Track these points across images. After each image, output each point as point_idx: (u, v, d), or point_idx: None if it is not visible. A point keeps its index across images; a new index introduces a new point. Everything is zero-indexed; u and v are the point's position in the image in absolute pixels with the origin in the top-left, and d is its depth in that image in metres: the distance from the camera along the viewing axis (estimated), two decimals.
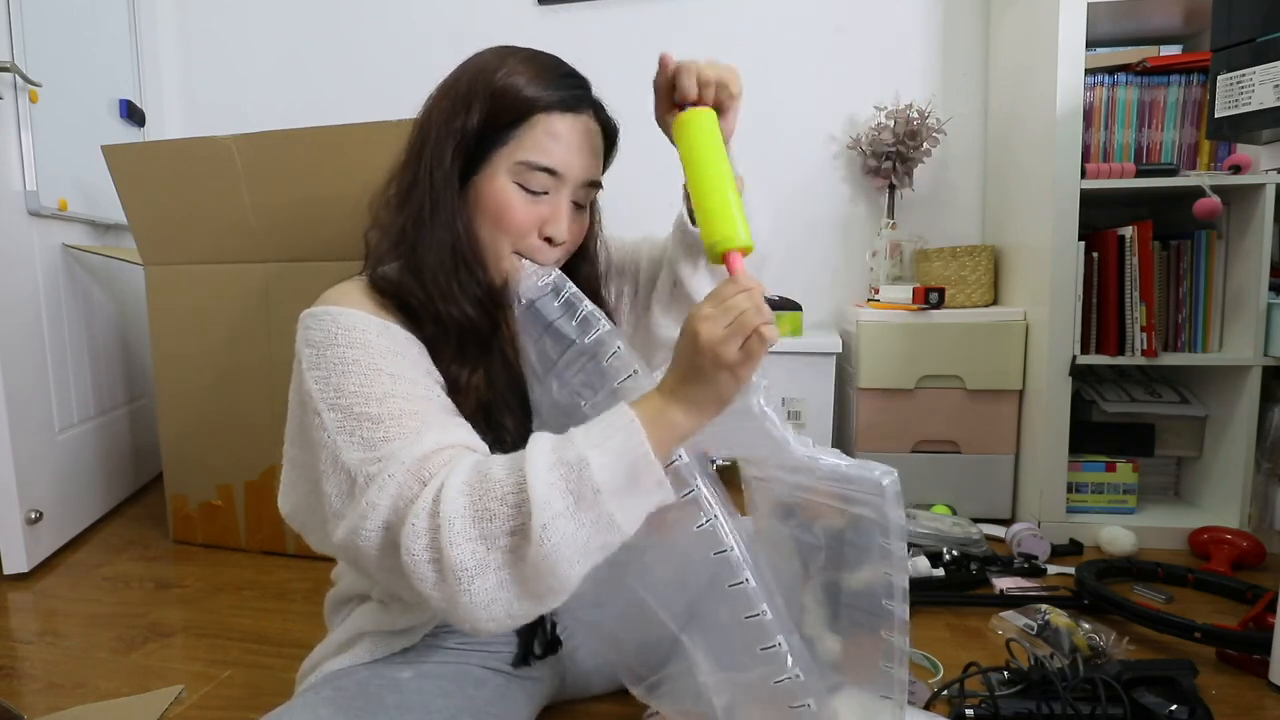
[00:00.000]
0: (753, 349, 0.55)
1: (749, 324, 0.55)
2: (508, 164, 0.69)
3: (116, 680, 1.09)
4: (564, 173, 0.70)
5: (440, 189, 0.69)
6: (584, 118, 0.72)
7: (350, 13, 2.17)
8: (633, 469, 0.54)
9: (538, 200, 0.70)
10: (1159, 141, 1.51)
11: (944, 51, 1.90)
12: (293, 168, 1.40)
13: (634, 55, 0.96)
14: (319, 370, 0.62)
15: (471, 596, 0.53)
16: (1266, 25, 0.92)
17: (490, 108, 0.68)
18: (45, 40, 1.59)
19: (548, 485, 0.53)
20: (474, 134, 0.68)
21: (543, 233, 0.71)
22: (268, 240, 1.46)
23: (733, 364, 0.55)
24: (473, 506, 0.54)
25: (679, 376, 0.58)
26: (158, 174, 1.49)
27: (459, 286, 0.69)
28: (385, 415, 0.60)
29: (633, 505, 0.55)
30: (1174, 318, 1.48)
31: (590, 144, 0.72)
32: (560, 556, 0.53)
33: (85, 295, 1.73)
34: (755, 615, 0.59)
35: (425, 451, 0.57)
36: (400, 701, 0.68)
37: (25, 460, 1.47)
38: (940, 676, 1.02)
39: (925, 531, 1.44)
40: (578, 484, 0.53)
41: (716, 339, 0.55)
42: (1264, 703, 0.96)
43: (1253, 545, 1.37)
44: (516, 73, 0.69)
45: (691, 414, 0.57)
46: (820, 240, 1.99)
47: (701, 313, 0.56)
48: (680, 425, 0.57)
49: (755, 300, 0.56)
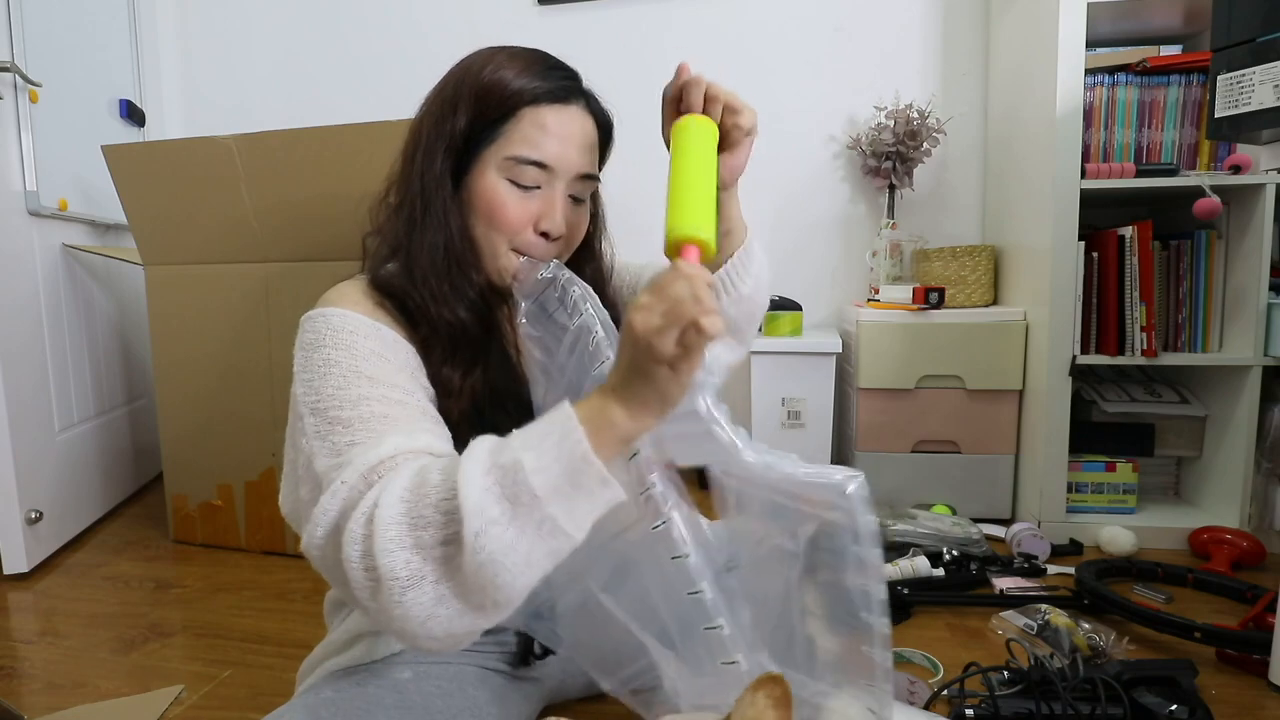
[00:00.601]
0: (690, 342, 0.49)
1: (685, 314, 0.48)
2: (497, 160, 0.68)
3: (116, 680, 1.09)
4: (555, 165, 0.69)
5: (432, 191, 0.69)
6: (574, 109, 0.71)
7: (350, 13, 2.17)
8: (571, 469, 0.50)
9: (530, 195, 0.69)
10: (1159, 141, 1.52)
11: (944, 51, 1.90)
12: (293, 168, 1.40)
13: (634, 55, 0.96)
14: (305, 373, 0.63)
15: (405, 609, 0.50)
16: (1266, 25, 0.92)
17: (477, 106, 0.68)
18: (45, 40, 1.59)
19: (481, 490, 0.49)
20: (462, 134, 0.68)
21: (538, 228, 0.70)
22: (268, 240, 1.46)
23: (670, 358, 0.49)
24: (408, 514, 0.51)
25: (620, 372, 0.53)
26: (158, 174, 1.49)
27: (451, 288, 0.68)
28: (355, 419, 0.59)
29: (577, 508, 0.51)
30: (1174, 318, 1.48)
31: (583, 136, 0.71)
32: (500, 567, 0.49)
33: (85, 295, 1.73)
34: (696, 593, 0.56)
35: (381, 457, 0.56)
36: (400, 701, 0.68)
37: (25, 460, 1.48)
38: (940, 676, 1.02)
39: (925, 531, 1.44)
40: (513, 488, 0.49)
41: (651, 329, 0.49)
42: (1264, 703, 0.96)
43: (1252, 545, 1.37)
44: (501, 68, 0.68)
45: (635, 412, 0.52)
46: (820, 240, 1.99)
47: (638, 301, 0.50)
48: (621, 425, 0.52)
49: (695, 289, 0.49)
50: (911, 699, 0.95)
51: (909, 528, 1.45)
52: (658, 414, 0.53)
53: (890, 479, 1.65)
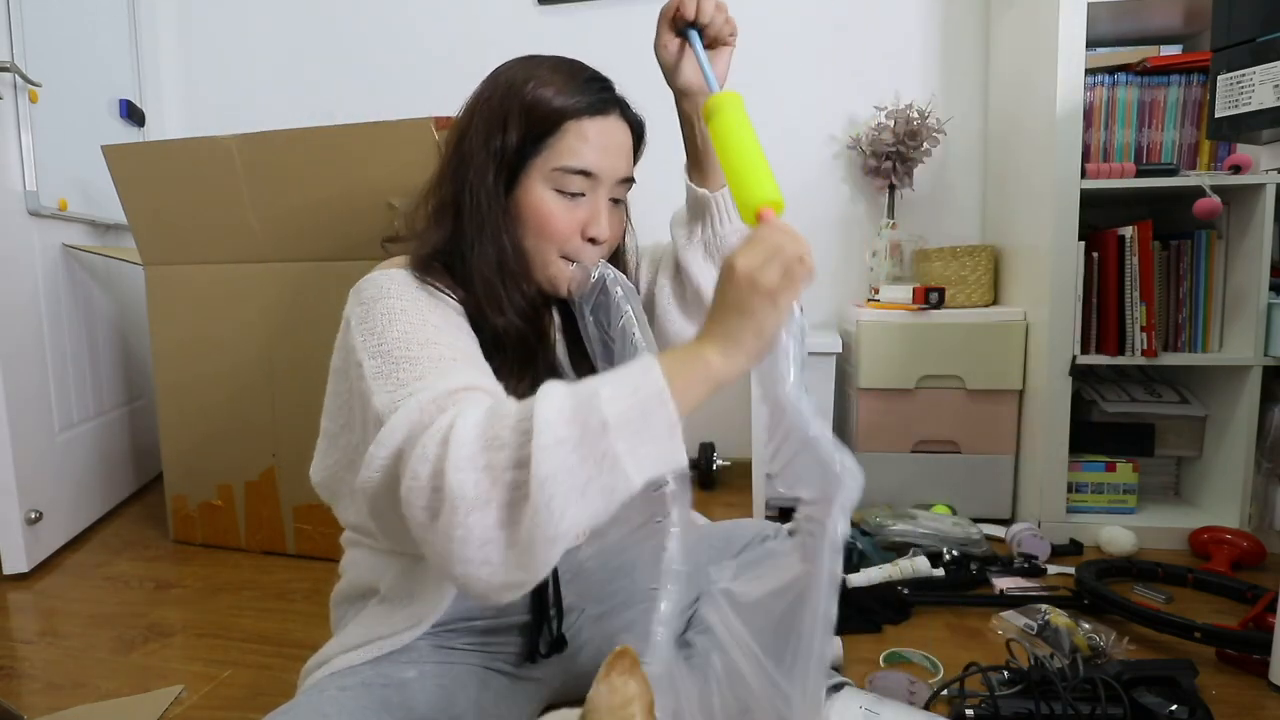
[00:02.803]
0: (793, 271, 0.52)
1: (788, 251, 0.53)
2: (543, 173, 0.72)
3: (116, 680, 1.09)
4: (598, 173, 0.72)
5: (487, 208, 0.72)
6: (612, 118, 0.74)
7: (350, 13, 2.17)
8: (644, 406, 0.50)
9: (576, 203, 0.73)
10: (1159, 141, 1.52)
11: (944, 51, 1.90)
12: (293, 168, 1.40)
13: (633, 55, 0.96)
14: (366, 323, 0.64)
15: (467, 531, 0.49)
16: (1266, 25, 0.92)
17: (525, 123, 0.71)
18: (45, 40, 1.59)
19: (556, 410, 0.49)
20: (514, 151, 0.71)
21: (585, 234, 0.73)
22: (268, 240, 1.46)
23: (771, 289, 0.52)
24: (484, 434, 0.50)
25: (714, 316, 0.55)
26: (158, 174, 1.49)
27: (506, 298, 0.72)
28: (424, 358, 0.60)
29: (641, 449, 0.50)
30: (1174, 318, 1.48)
31: (620, 142, 0.75)
32: (558, 488, 0.48)
33: (85, 295, 1.73)
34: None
35: (453, 386, 0.56)
36: (404, 700, 0.68)
37: (25, 460, 1.47)
38: (940, 676, 1.03)
39: (925, 531, 1.44)
40: (585, 413, 0.49)
41: (754, 266, 0.52)
42: (1264, 703, 0.96)
43: (1252, 545, 1.37)
44: (545, 84, 0.72)
45: (729, 351, 0.53)
46: (820, 240, 1.98)
47: (739, 250, 0.54)
48: (715, 364, 0.53)
49: (792, 234, 0.54)
50: (911, 699, 0.95)
51: (909, 528, 1.45)
52: (752, 352, 0.54)
53: (890, 479, 1.65)
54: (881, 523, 1.47)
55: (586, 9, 2.01)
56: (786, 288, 0.53)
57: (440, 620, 0.76)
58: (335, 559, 0.80)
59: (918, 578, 1.29)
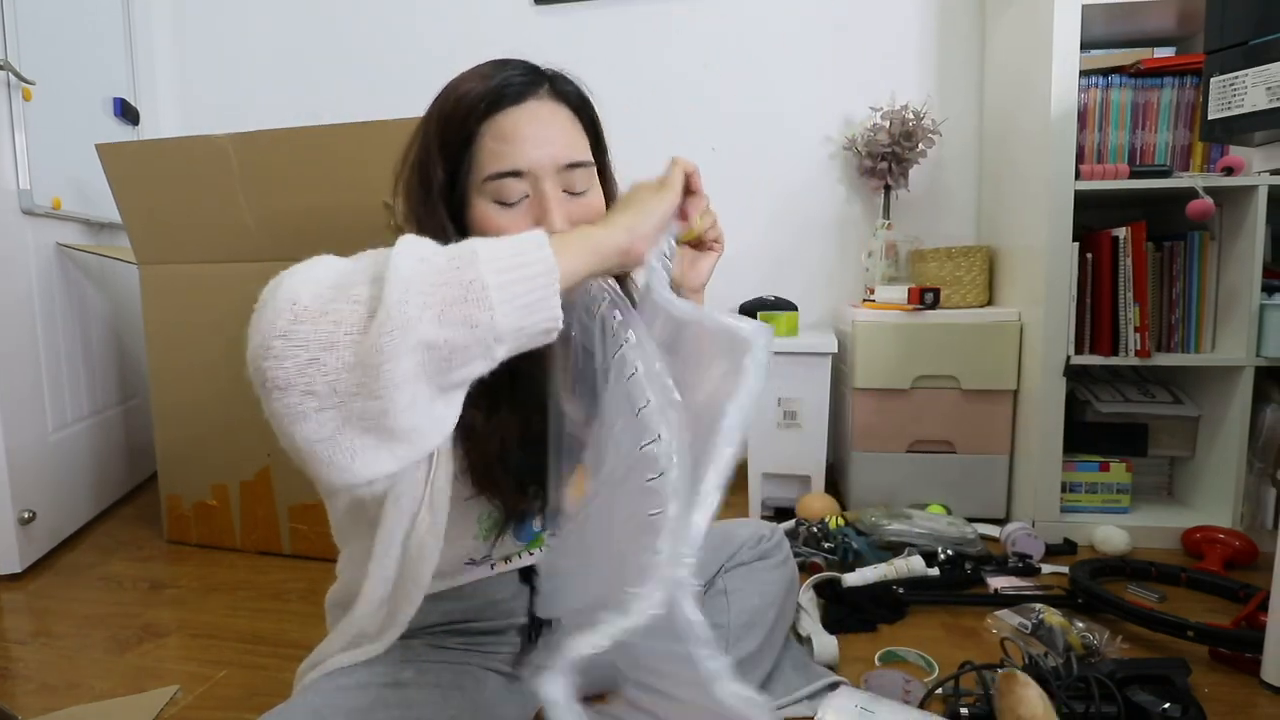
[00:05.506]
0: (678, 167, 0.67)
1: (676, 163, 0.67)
2: (478, 189, 0.66)
3: (111, 681, 1.09)
4: (529, 167, 0.64)
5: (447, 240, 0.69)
6: (532, 103, 0.66)
7: (347, 12, 2.16)
8: (520, 246, 0.51)
9: (521, 209, 0.65)
10: (1153, 143, 1.52)
11: (940, 53, 1.90)
12: (288, 167, 1.40)
13: (632, 55, 0.96)
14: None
15: (322, 366, 0.47)
16: (1259, 28, 0.93)
17: (443, 148, 0.66)
18: (39, 38, 1.59)
19: (419, 241, 0.51)
20: (445, 184, 0.67)
21: None
22: (263, 240, 1.46)
23: (659, 180, 0.66)
24: (338, 268, 0.54)
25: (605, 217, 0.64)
26: (152, 173, 1.49)
27: None
28: None
29: (513, 287, 0.49)
30: (1167, 318, 1.49)
31: (551, 125, 0.67)
32: (412, 293, 0.46)
33: (79, 294, 1.72)
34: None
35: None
36: (400, 700, 0.68)
37: (18, 460, 1.47)
38: (935, 675, 1.03)
39: (920, 531, 1.45)
40: (456, 250, 0.50)
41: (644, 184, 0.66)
42: (1256, 701, 0.97)
43: (1245, 544, 1.38)
44: (451, 98, 0.67)
45: (609, 226, 0.60)
46: (816, 241, 1.99)
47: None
48: (596, 233, 0.59)
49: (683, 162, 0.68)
50: (906, 698, 0.95)
51: (904, 527, 1.46)
52: (628, 225, 0.60)
53: (886, 479, 1.65)
54: (877, 522, 1.48)
55: (583, 9, 2.01)
56: (670, 179, 0.66)
57: (439, 622, 0.76)
58: (331, 559, 0.79)
59: (913, 577, 1.29)
